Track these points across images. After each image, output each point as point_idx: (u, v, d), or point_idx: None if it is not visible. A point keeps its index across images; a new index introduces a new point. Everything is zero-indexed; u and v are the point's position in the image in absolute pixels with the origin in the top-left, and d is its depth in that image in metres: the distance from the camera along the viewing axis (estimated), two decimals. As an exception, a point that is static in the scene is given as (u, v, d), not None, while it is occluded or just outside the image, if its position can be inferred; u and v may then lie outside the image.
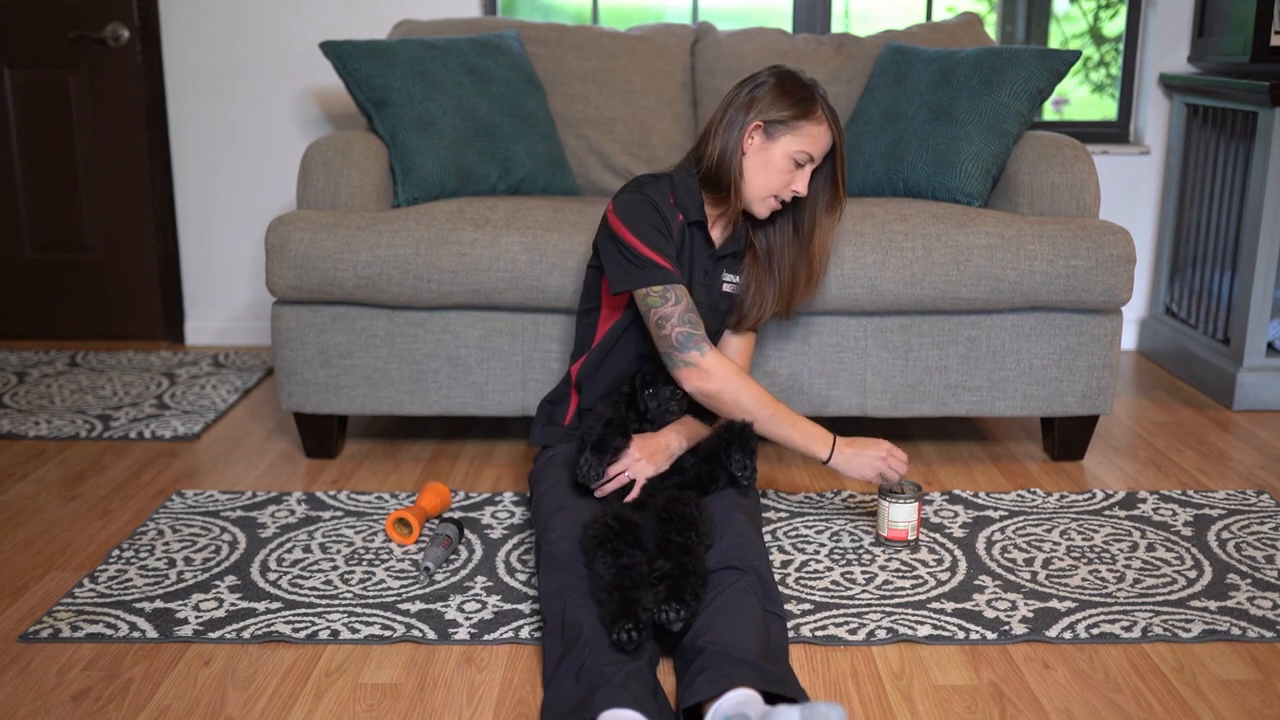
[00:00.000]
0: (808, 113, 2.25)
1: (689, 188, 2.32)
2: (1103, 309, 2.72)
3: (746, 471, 2.16)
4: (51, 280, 3.97)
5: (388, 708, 1.83)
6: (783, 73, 2.29)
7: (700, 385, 2.19)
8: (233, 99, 3.81)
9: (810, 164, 2.28)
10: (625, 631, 1.75)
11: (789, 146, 2.25)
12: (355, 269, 2.65)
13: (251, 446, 2.98)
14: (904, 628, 2.04)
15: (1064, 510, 2.55)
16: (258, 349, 3.90)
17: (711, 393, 2.20)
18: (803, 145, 2.25)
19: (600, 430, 2.12)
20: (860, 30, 3.78)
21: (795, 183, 2.28)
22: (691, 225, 2.33)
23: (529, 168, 3.05)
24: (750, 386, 2.22)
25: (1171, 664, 1.95)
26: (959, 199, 2.86)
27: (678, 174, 2.33)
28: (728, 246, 2.38)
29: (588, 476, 2.11)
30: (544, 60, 3.30)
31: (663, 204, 2.26)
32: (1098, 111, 4.15)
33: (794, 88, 2.27)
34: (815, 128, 2.26)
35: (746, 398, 2.21)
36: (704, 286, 2.36)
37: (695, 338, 2.18)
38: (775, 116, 2.25)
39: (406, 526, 2.39)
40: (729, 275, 2.40)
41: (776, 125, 2.25)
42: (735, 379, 2.20)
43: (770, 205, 2.31)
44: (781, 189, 2.28)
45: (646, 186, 2.28)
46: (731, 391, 2.19)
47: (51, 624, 2.05)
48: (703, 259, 2.35)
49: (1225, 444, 3.00)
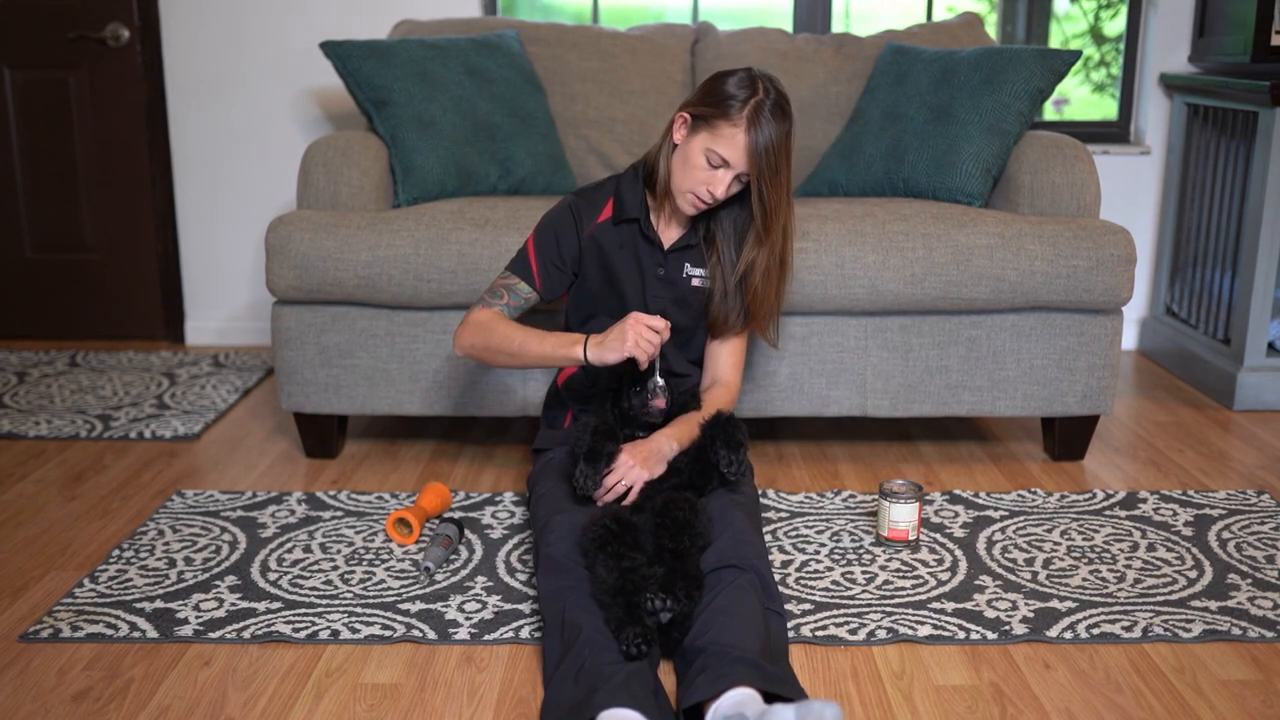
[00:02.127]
0: (726, 112, 2.13)
1: (632, 186, 2.30)
2: (1103, 309, 2.72)
3: (733, 467, 2.12)
4: (51, 280, 3.97)
5: (388, 708, 1.83)
6: (743, 72, 2.19)
7: (459, 336, 2.27)
8: (233, 99, 3.81)
9: (726, 168, 2.16)
10: (634, 645, 1.75)
11: (703, 143, 2.15)
12: (355, 269, 2.65)
13: (251, 446, 2.98)
14: (904, 628, 2.04)
15: (1064, 510, 2.55)
16: (258, 349, 3.90)
17: (465, 344, 2.26)
18: (714, 145, 2.14)
19: (589, 440, 2.10)
20: (860, 30, 3.78)
21: (713, 183, 2.17)
22: (622, 223, 2.30)
23: (529, 168, 3.05)
24: (497, 324, 2.24)
25: (1172, 664, 1.95)
26: (959, 199, 2.86)
27: (626, 173, 2.34)
28: (683, 240, 2.32)
29: (585, 487, 2.10)
30: (544, 60, 3.30)
31: (587, 209, 2.32)
32: (1098, 111, 4.15)
33: (735, 86, 2.15)
34: (730, 129, 2.13)
35: (496, 338, 2.22)
36: (660, 281, 2.32)
37: (483, 302, 2.31)
38: (697, 110, 2.18)
39: (406, 526, 2.39)
40: (694, 269, 2.34)
41: (698, 120, 2.18)
42: (480, 325, 2.25)
43: (691, 202, 2.21)
44: (697, 187, 2.18)
45: (584, 193, 2.35)
46: (481, 334, 2.24)
47: (51, 624, 2.05)
48: (649, 253, 2.31)
49: (1225, 444, 3.00)
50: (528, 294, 2.32)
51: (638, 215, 2.29)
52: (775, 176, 2.16)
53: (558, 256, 2.32)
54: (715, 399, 2.33)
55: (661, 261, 2.32)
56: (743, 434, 2.15)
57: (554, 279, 2.33)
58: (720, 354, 2.40)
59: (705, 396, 2.34)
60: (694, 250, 2.34)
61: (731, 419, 2.16)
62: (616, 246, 2.31)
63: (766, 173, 2.15)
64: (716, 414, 2.17)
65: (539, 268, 2.32)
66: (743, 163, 2.15)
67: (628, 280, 2.31)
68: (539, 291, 2.32)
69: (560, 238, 2.32)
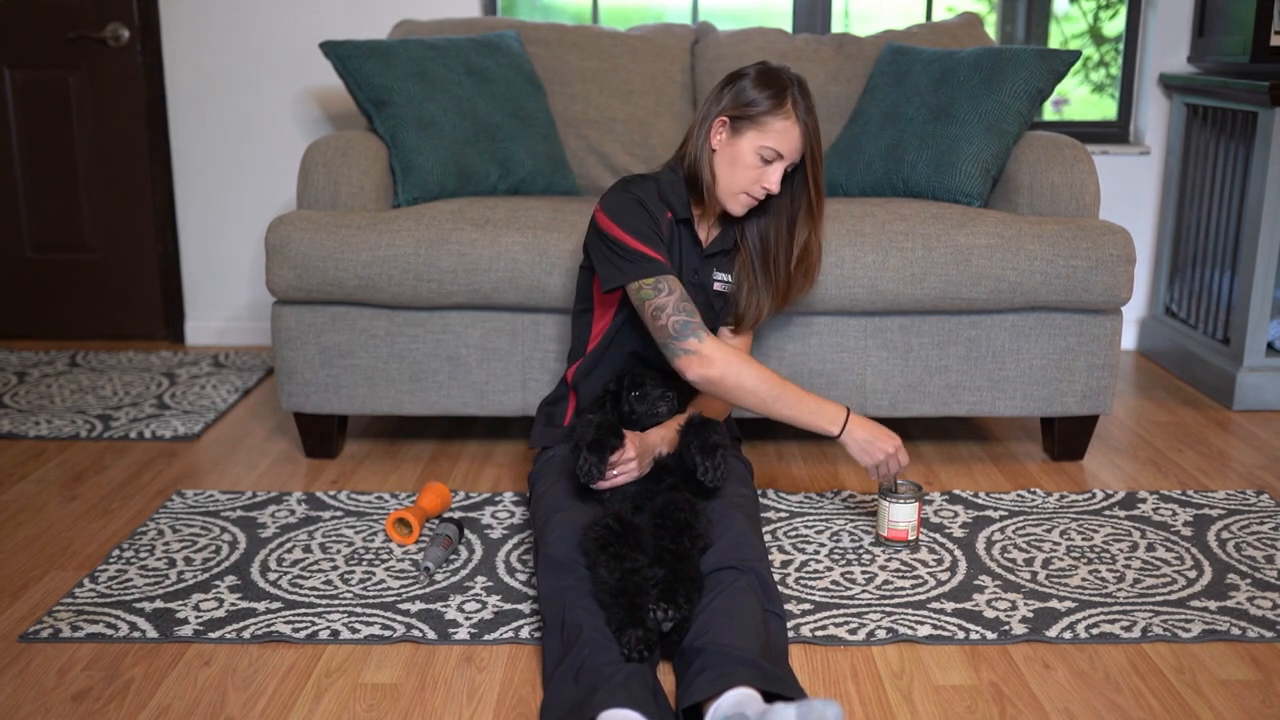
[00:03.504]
0: (773, 108, 2.19)
1: (675, 186, 2.30)
2: (1103, 309, 2.72)
3: (709, 474, 2.08)
4: (51, 280, 3.97)
5: (388, 708, 1.83)
6: (761, 67, 2.24)
7: (702, 372, 2.15)
8: (233, 99, 3.81)
9: (779, 160, 2.22)
10: (636, 650, 1.75)
11: (754, 142, 2.20)
12: (355, 269, 2.65)
13: (251, 446, 2.98)
14: (904, 628, 2.04)
15: (1064, 510, 2.55)
16: (258, 349, 3.90)
17: (715, 379, 2.15)
18: (767, 141, 2.20)
19: (594, 432, 2.11)
20: (860, 30, 3.78)
21: (765, 179, 2.22)
22: (679, 223, 2.32)
23: (529, 168, 3.05)
24: (752, 367, 2.16)
25: (1171, 664, 1.95)
26: (959, 199, 2.86)
27: (664, 174, 2.32)
28: (715, 245, 2.36)
29: (589, 475, 2.08)
30: (544, 60, 3.30)
31: (650, 201, 2.25)
32: (1098, 111, 4.15)
33: (765, 82, 2.21)
34: (781, 123, 2.19)
35: (750, 379, 2.15)
36: (695, 285, 2.34)
37: (692, 325, 2.14)
38: (740, 111, 2.21)
39: (406, 526, 2.39)
40: (720, 274, 2.38)
41: (741, 120, 2.21)
42: (737, 362, 2.15)
43: (744, 202, 2.26)
44: (751, 186, 2.23)
45: (633, 185, 2.28)
46: (734, 375, 2.15)
47: (51, 624, 2.06)
48: (692, 257, 2.34)
49: (1225, 444, 3.00)
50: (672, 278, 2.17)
51: (688, 216, 2.31)
52: (820, 154, 2.26)
53: (658, 239, 2.21)
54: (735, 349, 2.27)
55: (697, 267, 2.34)
56: (720, 436, 2.11)
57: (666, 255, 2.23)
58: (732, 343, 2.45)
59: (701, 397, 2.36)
60: (724, 255, 2.37)
61: (706, 422, 2.13)
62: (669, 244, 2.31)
63: (816, 152, 2.25)
64: (690, 418, 2.16)
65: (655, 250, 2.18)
66: (796, 151, 2.23)
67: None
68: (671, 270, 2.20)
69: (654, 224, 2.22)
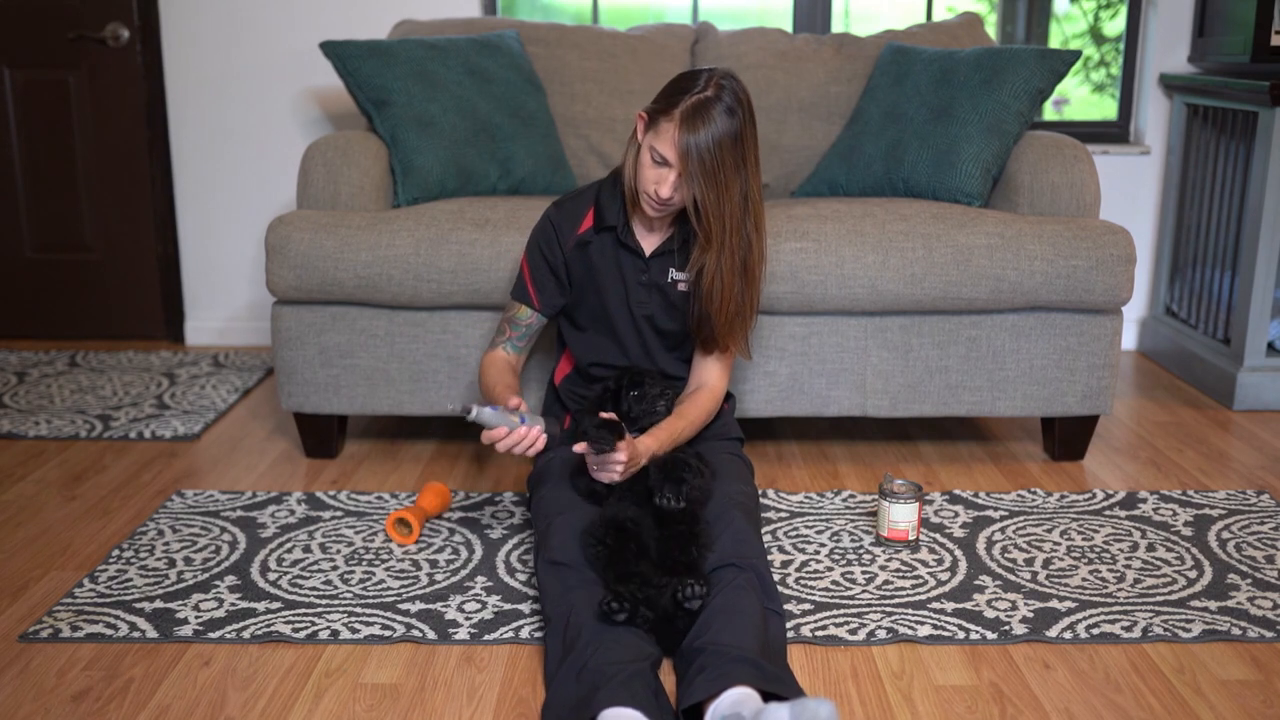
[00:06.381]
0: (666, 108, 2.07)
1: (613, 190, 2.28)
2: (1103, 309, 2.72)
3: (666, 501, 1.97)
4: (51, 280, 3.97)
5: (388, 708, 1.83)
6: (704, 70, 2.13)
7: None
8: (233, 99, 3.81)
9: (667, 167, 2.09)
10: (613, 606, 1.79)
11: (649, 141, 2.11)
12: (355, 269, 2.65)
13: (251, 446, 2.98)
14: (904, 628, 2.04)
15: (1064, 510, 2.55)
16: (258, 349, 3.90)
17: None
18: (655, 142, 2.09)
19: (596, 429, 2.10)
20: (860, 30, 3.78)
21: (660, 183, 2.11)
22: (604, 231, 2.27)
23: (529, 168, 3.05)
24: (484, 372, 2.36)
25: (1171, 664, 1.95)
26: (959, 199, 2.86)
27: (610, 176, 2.32)
28: (664, 245, 2.28)
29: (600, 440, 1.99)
30: (544, 60, 3.30)
31: (566, 222, 2.31)
32: (1098, 111, 4.15)
33: (676, 81, 2.12)
34: (667, 125, 2.07)
35: (483, 386, 2.34)
36: (645, 286, 2.29)
37: (494, 340, 2.42)
38: (652, 107, 2.14)
39: (406, 526, 2.39)
40: (677, 274, 2.29)
41: (651, 116, 2.13)
42: (481, 369, 2.38)
43: (648, 202, 2.16)
44: (648, 186, 2.13)
45: (564, 203, 2.34)
46: (481, 378, 2.37)
47: (51, 624, 2.05)
48: (630, 260, 2.29)
49: (1225, 444, 3.00)
50: (528, 319, 2.38)
51: (615, 223, 2.26)
52: (711, 178, 2.07)
53: (549, 272, 2.34)
54: (697, 401, 2.28)
55: (644, 267, 2.29)
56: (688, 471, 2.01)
57: (551, 294, 2.35)
58: (706, 360, 2.35)
59: (688, 400, 2.29)
60: (678, 254, 2.29)
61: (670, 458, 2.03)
62: (599, 255, 2.30)
63: (698, 173, 2.06)
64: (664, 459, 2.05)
65: (534, 287, 2.36)
66: (677, 161, 2.08)
67: (611, 289, 2.31)
68: (539, 310, 2.36)
69: (546, 252, 2.33)
